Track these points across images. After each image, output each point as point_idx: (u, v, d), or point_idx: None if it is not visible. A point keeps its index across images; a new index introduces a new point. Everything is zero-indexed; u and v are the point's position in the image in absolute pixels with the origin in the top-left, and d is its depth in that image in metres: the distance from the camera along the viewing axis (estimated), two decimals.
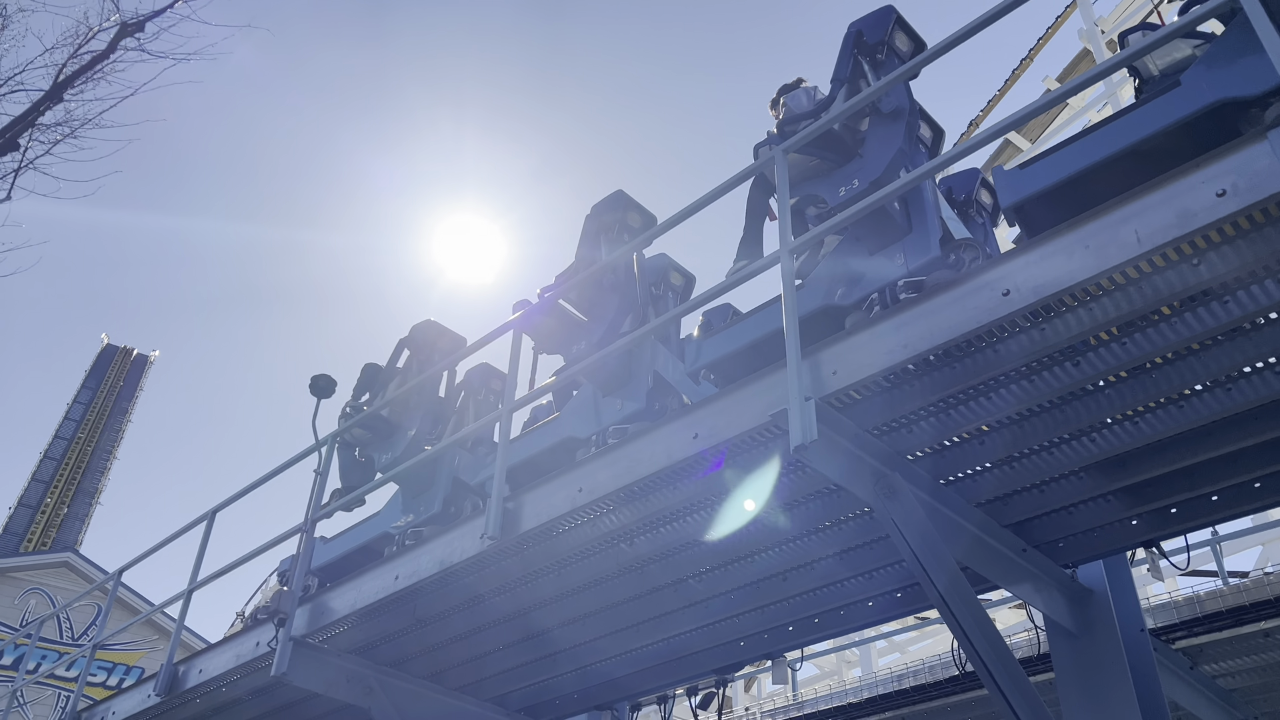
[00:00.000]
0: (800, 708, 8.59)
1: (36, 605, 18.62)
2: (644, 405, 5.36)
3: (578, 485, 4.60)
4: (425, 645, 6.12)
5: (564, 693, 6.90)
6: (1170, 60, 4.26)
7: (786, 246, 4.10)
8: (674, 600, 5.55)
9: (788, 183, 4.38)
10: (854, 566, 5.10)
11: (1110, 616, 4.89)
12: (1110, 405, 3.84)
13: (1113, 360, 3.58)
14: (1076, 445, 4.12)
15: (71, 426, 38.29)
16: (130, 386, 41.64)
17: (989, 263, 3.45)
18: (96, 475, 36.87)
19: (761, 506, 4.45)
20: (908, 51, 4.98)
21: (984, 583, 4.96)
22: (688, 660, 6.30)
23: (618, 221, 5.90)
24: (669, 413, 4.88)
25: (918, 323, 3.54)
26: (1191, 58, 4.12)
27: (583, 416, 5.66)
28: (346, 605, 5.65)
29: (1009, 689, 4.18)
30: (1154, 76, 4.31)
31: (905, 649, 15.16)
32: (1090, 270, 3.15)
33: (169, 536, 8.15)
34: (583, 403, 5.75)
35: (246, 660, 6.15)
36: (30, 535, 32.50)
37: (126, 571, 8.58)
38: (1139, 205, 3.10)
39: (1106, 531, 4.73)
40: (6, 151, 9.52)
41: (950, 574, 4.09)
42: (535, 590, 5.48)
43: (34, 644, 10.24)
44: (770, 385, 3.92)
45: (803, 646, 6.43)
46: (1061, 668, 4.93)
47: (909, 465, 4.19)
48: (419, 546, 5.38)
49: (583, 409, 5.71)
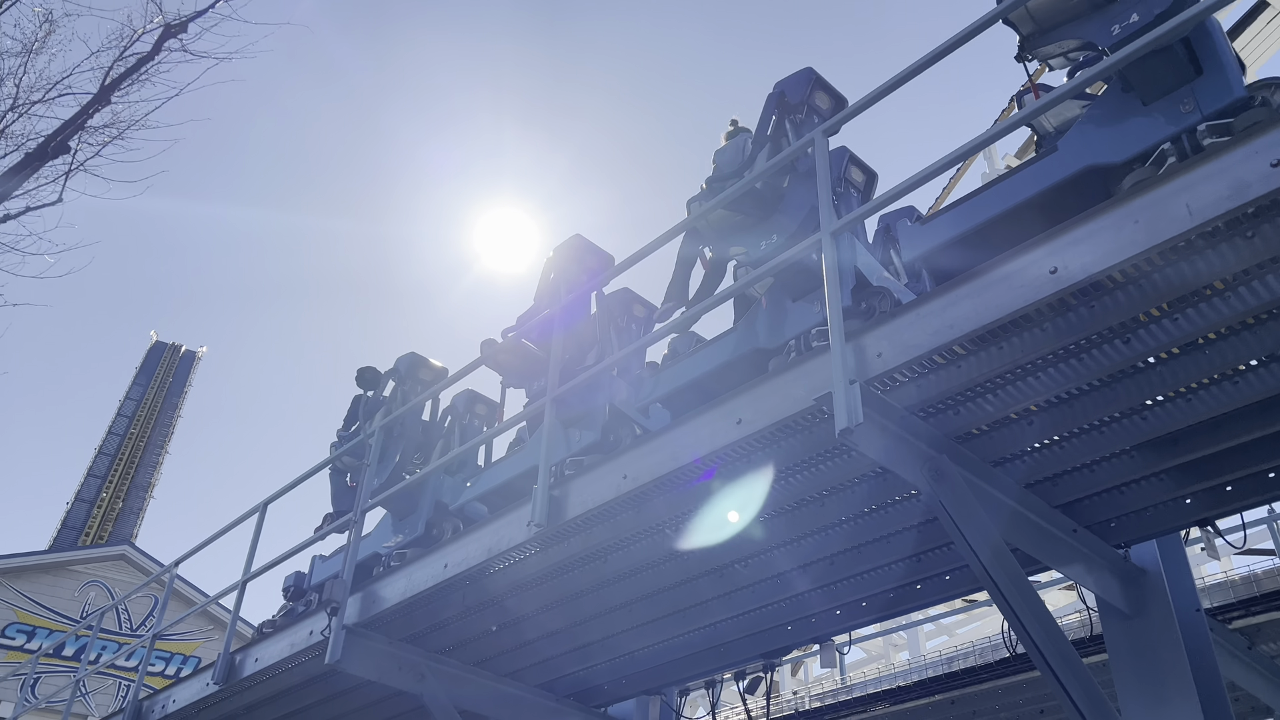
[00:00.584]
0: (849, 691, 8.58)
1: (96, 597, 19.09)
2: (599, 437, 5.49)
3: (622, 472, 4.62)
4: (474, 632, 6.20)
5: (612, 678, 6.95)
6: (1063, 119, 4.44)
7: (829, 229, 4.08)
8: (719, 586, 5.56)
9: (828, 171, 4.34)
10: (901, 550, 5.08)
11: (1164, 597, 4.82)
12: (1161, 382, 3.78)
13: (1164, 337, 3.52)
14: (1127, 423, 4.05)
15: (124, 423, 39.13)
16: (179, 382, 42.44)
17: (1035, 240, 3.39)
18: (149, 470, 37.66)
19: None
20: (828, 109, 5.19)
21: (1034, 564, 4.92)
22: (734, 645, 6.31)
23: (576, 265, 6.28)
24: (622, 445, 5.06)
25: (964, 303, 3.50)
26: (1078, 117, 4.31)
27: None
28: (397, 594, 5.73)
29: (1062, 671, 4.14)
30: (1049, 133, 4.47)
31: (953, 632, 15.04)
32: (1140, 246, 3.10)
33: (223, 529, 8.31)
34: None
35: (301, 649, 6.27)
36: (88, 529, 33.31)
37: (181, 563, 8.79)
38: (1191, 178, 3.04)
39: (1159, 510, 4.66)
40: (58, 154, 9.73)
41: (1000, 556, 4.06)
42: (581, 577, 5.52)
43: (95, 635, 10.52)
44: (814, 369, 3.90)
45: (850, 630, 6.41)
46: (1115, 649, 4.87)
47: (956, 447, 4.15)
48: (467, 534, 5.44)
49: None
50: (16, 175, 9.63)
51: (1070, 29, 4.15)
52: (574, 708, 7.24)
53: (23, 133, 10.09)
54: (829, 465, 4.39)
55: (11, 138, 10.03)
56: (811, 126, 4.93)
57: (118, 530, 33.64)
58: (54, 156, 9.77)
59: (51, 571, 19.06)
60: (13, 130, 10.05)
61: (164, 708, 7.56)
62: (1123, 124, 3.93)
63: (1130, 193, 3.21)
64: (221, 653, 6.93)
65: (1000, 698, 7.28)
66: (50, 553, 20.75)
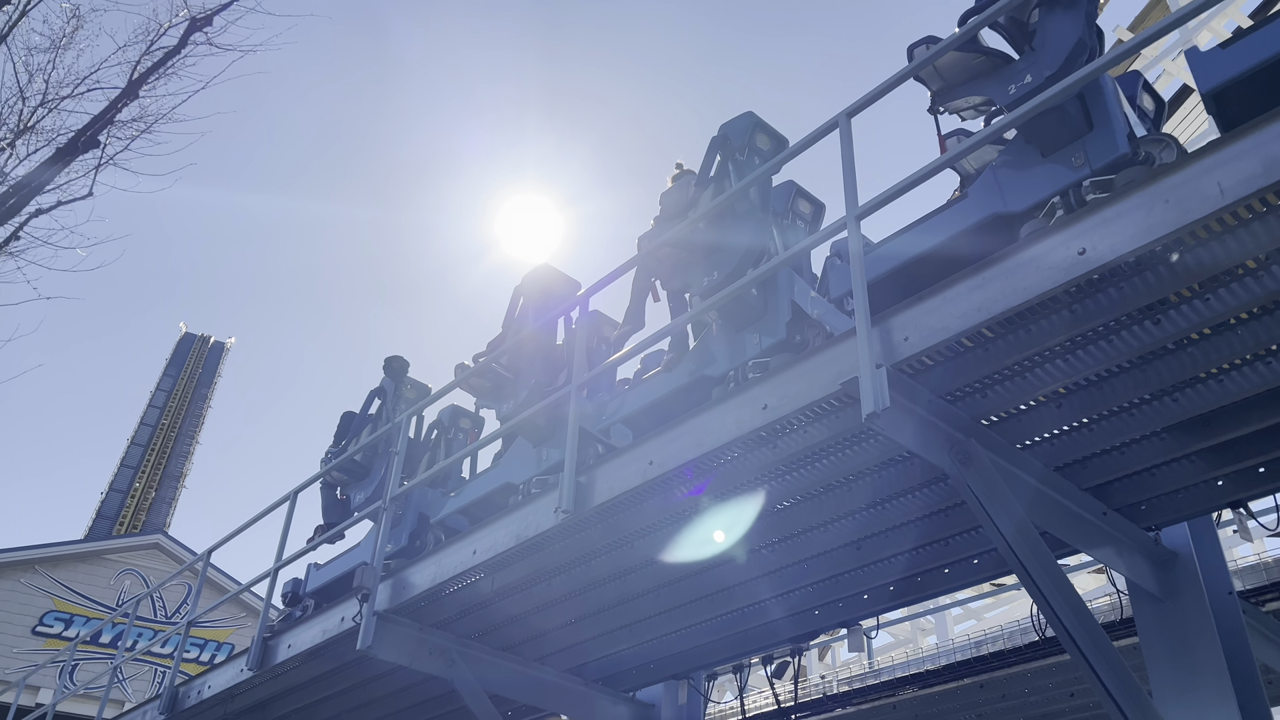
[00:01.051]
0: (876, 675, 8.57)
1: (131, 585, 19.37)
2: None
3: (649, 458, 4.63)
4: (504, 618, 6.25)
5: (640, 663, 6.99)
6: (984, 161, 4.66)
7: (853, 213, 4.06)
8: (747, 570, 5.57)
9: (853, 149, 4.32)
10: (929, 534, 5.07)
11: (1196, 579, 4.78)
12: (1193, 363, 3.74)
13: (1195, 317, 3.48)
14: (1158, 405, 4.02)
15: (155, 413, 39.63)
16: (209, 372, 42.91)
17: (1063, 221, 3.37)
18: (181, 460, 38.13)
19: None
20: (769, 150, 5.47)
21: (1063, 547, 4.89)
22: (762, 630, 6.33)
23: (543, 290, 6.82)
24: (586, 463, 5.16)
25: (991, 285, 3.48)
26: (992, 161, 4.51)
27: (522, 462, 6.35)
28: (427, 580, 5.78)
29: (1092, 654, 4.12)
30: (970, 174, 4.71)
31: (981, 616, 14.98)
32: (1170, 225, 3.06)
33: (254, 517, 8.41)
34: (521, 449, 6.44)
35: (333, 635, 6.34)
36: (122, 518, 33.81)
37: (214, 552, 8.91)
38: (1222, 156, 3.00)
39: (1191, 493, 4.62)
40: (88, 149, 9.85)
41: (1029, 539, 4.04)
42: (609, 562, 5.56)
43: (131, 622, 10.69)
44: (840, 353, 3.89)
45: (878, 615, 6.41)
46: (1146, 632, 4.84)
47: (984, 430, 4.13)
48: (495, 521, 5.48)
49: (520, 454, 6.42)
50: (48, 170, 9.76)
51: (973, 86, 4.46)
52: (602, 692, 7.29)
53: (53, 128, 10.23)
54: (855, 450, 4.38)
55: (42, 133, 10.16)
56: (753, 167, 5.14)
57: (151, 519, 34.13)
58: (84, 151, 9.88)
59: (87, 560, 19.36)
60: (43, 125, 10.18)
61: (199, 693, 7.68)
62: (1024, 174, 4.16)
63: (1161, 171, 3.17)
64: (255, 639, 7.03)
65: (1029, 681, 7.25)
66: (86, 542, 21.07)
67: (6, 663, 17.19)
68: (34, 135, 10.07)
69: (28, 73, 10.22)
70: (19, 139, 9.99)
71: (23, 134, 10.00)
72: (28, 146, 10.06)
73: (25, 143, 10.02)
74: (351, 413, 8.40)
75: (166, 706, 7.92)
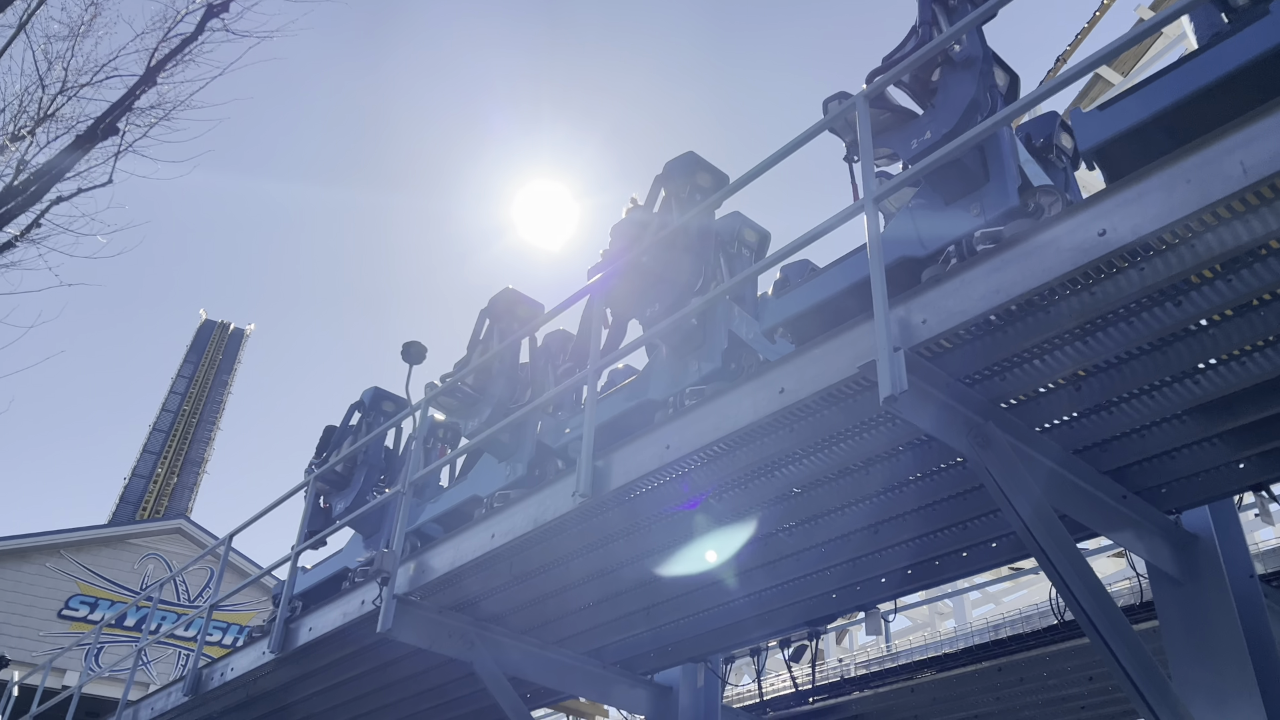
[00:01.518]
0: (894, 658, 8.58)
1: (154, 570, 19.59)
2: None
3: (665, 443, 4.64)
4: (522, 601, 6.28)
5: (658, 645, 7.02)
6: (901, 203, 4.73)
7: (870, 196, 4.04)
8: (764, 554, 5.58)
9: (870, 135, 4.30)
10: (947, 517, 5.05)
11: (1217, 563, 4.75)
12: (1214, 345, 3.71)
13: (1216, 299, 3.45)
14: (1179, 388, 3.99)
15: (177, 400, 40.01)
16: (229, 359, 43.26)
17: (1083, 203, 3.33)
18: (202, 445, 38.50)
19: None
20: (710, 186, 5.65)
21: (1082, 530, 4.87)
22: (779, 613, 6.34)
23: (508, 313, 7.21)
24: (546, 479, 5.44)
25: (1010, 267, 3.45)
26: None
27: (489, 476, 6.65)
28: (446, 564, 5.82)
29: (1111, 637, 4.11)
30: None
31: (1000, 600, 14.95)
32: (1192, 206, 3.03)
33: (274, 502, 8.50)
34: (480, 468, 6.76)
35: (353, 618, 6.40)
36: (145, 504, 34.18)
37: (235, 536, 9.00)
38: (1244, 135, 2.96)
39: (1212, 476, 4.59)
40: (107, 136, 9.90)
41: (1047, 522, 4.03)
42: (626, 546, 5.57)
43: (155, 606, 10.83)
44: (858, 337, 3.88)
45: (895, 598, 6.41)
46: (1166, 616, 4.82)
47: (1002, 413, 4.12)
48: (513, 505, 5.51)
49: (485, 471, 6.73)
50: (68, 157, 9.82)
51: (882, 140, 4.67)
52: (620, 674, 7.34)
53: (72, 115, 10.29)
54: (873, 433, 4.37)
55: (62, 121, 10.22)
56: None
57: (173, 504, 34.50)
58: (103, 138, 9.94)
59: (111, 545, 19.59)
60: (63, 113, 10.24)
61: (223, 675, 7.77)
62: (929, 221, 4.36)
63: (1183, 151, 3.13)
64: (277, 622, 7.10)
65: (1048, 665, 7.24)
66: (110, 527, 21.33)
67: (33, 645, 17.45)
68: (54, 123, 10.14)
69: (47, 60, 10.28)
70: (39, 127, 10.06)
71: (43, 122, 10.07)
72: (48, 134, 10.14)
73: (45, 130, 10.10)
74: (333, 426, 8.92)
75: (190, 688, 8.02)
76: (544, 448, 6.37)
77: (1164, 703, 4.10)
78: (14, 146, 9.81)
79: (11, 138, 9.86)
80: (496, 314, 7.36)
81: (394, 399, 8.60)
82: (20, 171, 9.69)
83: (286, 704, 8.12)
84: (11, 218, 9.51)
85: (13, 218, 9.53)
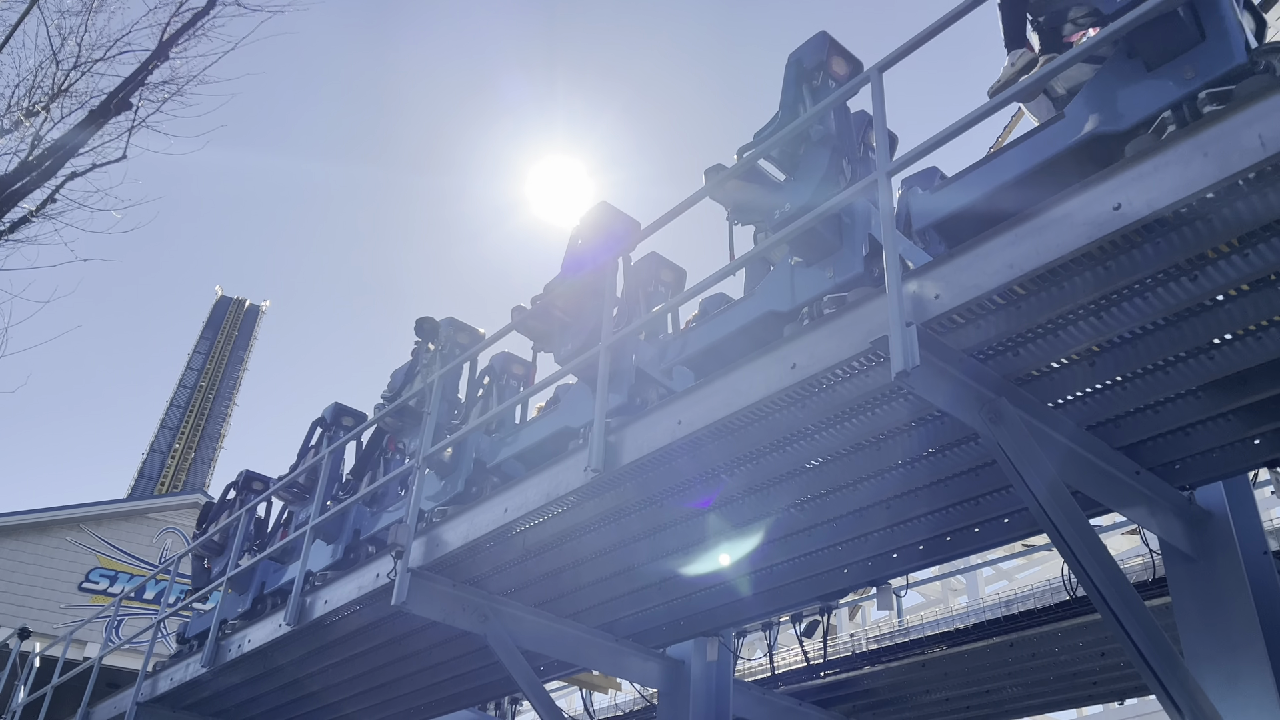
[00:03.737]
0: (906, 633, 8.60)
1: (173, 543, 19.80)
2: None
3: (677, 418, 4.64)
4: (535, 575, 6.33)
5: (670, 619, 7.06)
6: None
7: (884, 169, 4.01)
8: (775, 529, 5.59)
9: (884, 114, 4.26)
10: (959, 493, 5.05)
11: (1231, 539, 4.74)
12: (1230, 320, 3.68)
13: (1233, 273, 3.42)
14: (1193, 363, 3.96)
15: (193, 376, 40.26)
16: (244, 336, 43.47)
17: (1098, 176, 3.30)
18: (219, 421, 38.76)
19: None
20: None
21: (1095, 506, 4.86)
22: (791, 588, 6.36)
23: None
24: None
25: (1024, 242, 3.42)
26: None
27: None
28: (459, 538, 5.86)
29: (1123, 613, 4.11)
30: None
31: (1013, 577, 14.97)
32: (1209, 179, 2.99)
33: (287, 474, 8.56)
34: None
35: (368, 591, 6.46)
36: (163, 478, 34.49)
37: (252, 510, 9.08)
38: (1264, 107, 2.92)
39: (1226, 452, 4.56)
40: (120, 111, 9.92)
41: (1060, 498, 4.02)
42: (638, 521, 5.60)
43: (173, 579, 10.95)
44: (871, 312, 3.87)
45: (907, 574, 6.41)
46: (1179, 592, 4.81)
47: (1015, 389, 4.10)
48: (525, 480, 5.53)
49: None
50: (82, 131, 9.84)
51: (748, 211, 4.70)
52: (633, 648, 7.39)
53: (86, 91, 10.30)
54: (885, 409, 4.37)
55: (76, 96, 10.24)
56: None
57: (191, 479, 34.79)
58: (116, 113, 9.95)
59: (130, 519, 19.80)
60: (77, 89, 10.26)
61: (240, 647, 7.86)
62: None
63: (1201, 123, 3.09)
64: (293, 595, 7.17)
65: (1060, 640, 7.25)
66: (128, 501, 21.57)
67: (55, 618, 17.70)
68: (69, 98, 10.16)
69: (60, 36, 10.28)
70: (54, 102, 10.08)
71: (58, 97, 10.09)
72: (62, 110, 10.16)
73: (60, 106, 10.12)
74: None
75: (208, 659, 8.13)
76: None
77: (1175, 678, 4.09)
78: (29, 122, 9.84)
79: (27, 113, 9.89)
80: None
81: (355, 413, 9.08)
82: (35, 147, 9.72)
83: (303, 675, 8.22)
84: (27, 193, 9.56)
85: (28, 193, 9.58)
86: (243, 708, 9.43)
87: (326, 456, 8.12)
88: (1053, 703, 8.57)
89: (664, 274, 6.52)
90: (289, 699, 9.02)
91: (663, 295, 6.36)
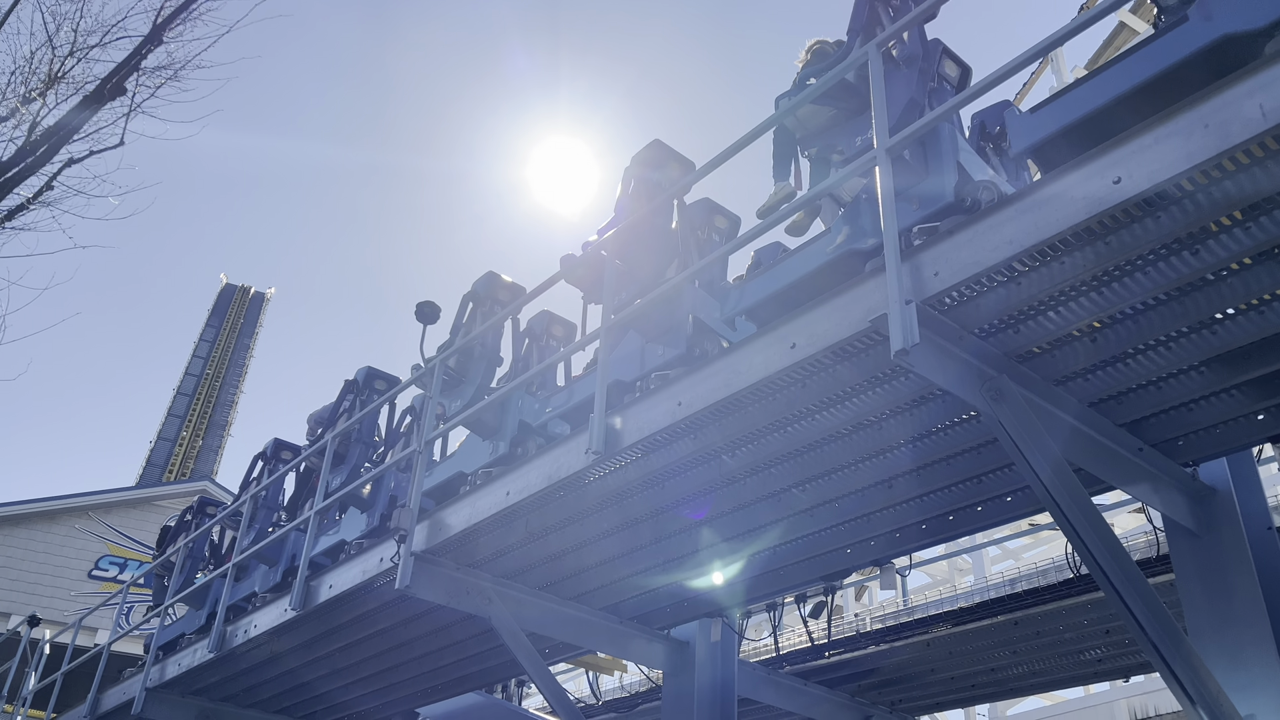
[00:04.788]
0: (910, 612, 8.61)
1: None
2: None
3: (677, 399, 4.63)
4: (538, 557, 6.33)
5: (674, 601, 7.07)
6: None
7: (884, 146, 3.97)
8: (777, 510, 5.58)
9: (883, 88, 4.20)
10: (961, 471, 5.03)
11: (1234, 515, 4.72)
12: (1233, 294, 3.65)
13: (1235, 247, 3.38)
14: (1196, 338, 3.93)
15: (199, 364, 40.31)
16: (250, 323, 43.48)
17: (1097, 150, 3.26)
18: (226, 409, 38.82)
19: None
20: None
21: (1098, 484, 4.84)
22: (795, 568, 6.36)
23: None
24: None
25: (1023, 217, 3.39)
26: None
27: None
28: (462, 521, 5.86)
29: (1126, 590, 4.10)
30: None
31: (1019, 556, 14.97)
32: (1210, 151, 2.95)
33: (295, 461, 8.57)
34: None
35: (372, 575, 6.47)
36: (170, 466, 34.60)
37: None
38: (1265, 77, 2.88)
39: (1230, 427, 4.53)
40: (114, 96, 9.88)
41: (1062, 476, 4.00)
42: (640, 502, 5.59)
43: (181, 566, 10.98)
44: (869, 290, 3.84)
45: (910, 553, 6.41)
46: (1182, 568, 4.81)
47: (1016, 366, 4.08)
48: (527, 463, 5.52)
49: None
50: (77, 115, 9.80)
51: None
52: (638, 629, 7.40)
53: (82, 77, 10.26)
54: (886, 388, 4.35)
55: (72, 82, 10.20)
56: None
57: (198, 467, 34.89)
58: (111, 98, 9.91)
59: (139, 507, 19.89)
60: (73, 75, 10.22)
61: (246, 632, 7.89)
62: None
63: (1202, 95, 3.05)
64: (298, 580, 7.19)
65: (1064, 618, 7.24)
66: (137, 489, 21.65)
67: (65, 604, 17.81)
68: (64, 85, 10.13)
69: (55, 22, 10.23)
70: (49, 89, 10.05)
71: (53, 84, 10.06)
72: (58, 97, 10.13)
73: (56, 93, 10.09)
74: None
75: (215, 645, 8.16)
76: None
77: (1179, 656, 4.09)
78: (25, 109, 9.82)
79: (23, 100, 9.86)
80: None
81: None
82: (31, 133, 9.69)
83: (309, 660, 8.26)
84: (23, 179, 9.54)
85: (24, 179, 9.56)
86: (250, 692, 9.48)
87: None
88: (1058, 680, 8.58)
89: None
90: (296, 683, 9.06)
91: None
